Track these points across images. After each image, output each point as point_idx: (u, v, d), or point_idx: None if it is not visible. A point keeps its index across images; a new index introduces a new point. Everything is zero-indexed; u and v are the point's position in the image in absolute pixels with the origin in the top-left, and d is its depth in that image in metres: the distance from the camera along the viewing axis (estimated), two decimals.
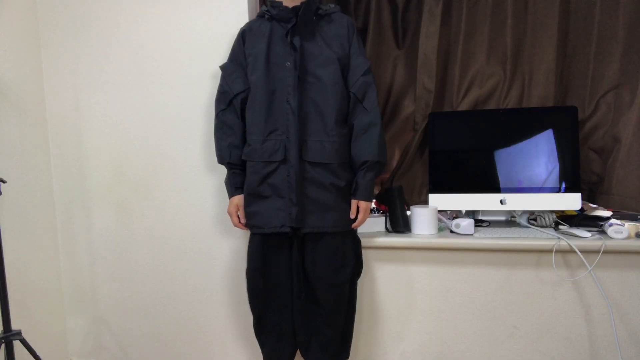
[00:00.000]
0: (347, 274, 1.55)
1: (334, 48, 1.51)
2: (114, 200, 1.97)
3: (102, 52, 1.92)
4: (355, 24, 1.58)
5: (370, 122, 1.51)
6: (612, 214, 1.78)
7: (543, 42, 1.71)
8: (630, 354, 1.56)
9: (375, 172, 1.54)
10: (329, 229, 1.50)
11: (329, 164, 1.49)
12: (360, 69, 1.53)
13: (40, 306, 1.93)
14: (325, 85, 1.49)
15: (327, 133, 1.49)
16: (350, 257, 1.56)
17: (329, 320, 1.56)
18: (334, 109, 1.49)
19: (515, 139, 1.70)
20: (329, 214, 1.49)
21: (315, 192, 1.49)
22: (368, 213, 1.55)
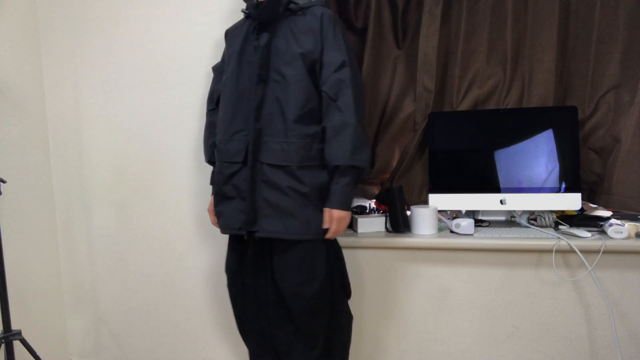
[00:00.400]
0: (314, 288, 1.42)
1: (302, 43, 1.40)
2: (114, 200, 1.97)
3: (102, 52, 1.92)
4: (334, 16, 1.43)
5: (343, 122, 1.36)
6: (612, 214, 1.78)
7: (543, 42, 1.71)
8: (630, 354, 1.56)
9: (352, 177, 1.39)
10: (287, 235, 1.38)
11: (287, 166, 1.38)
12: (332, 65, 1.39)
13: (40, 306, 1.93)
14: (288, 83, 1.39)
15: (286, 134, 1.40)
16: (320, 271, 1.43)
17: (298, 335, 1.49)
18: (295, 107, 1.39)
19: (515, 139, 1.70)
20: (288, 220, 1.38)
21: (273, 195, 1.39)
22: (344, 223, 1.40)
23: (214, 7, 1.80)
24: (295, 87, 1.39)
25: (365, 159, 1.39)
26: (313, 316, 1.46)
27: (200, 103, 1.84)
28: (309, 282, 1.42)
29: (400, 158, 1.85)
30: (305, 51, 1.39)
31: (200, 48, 1.82)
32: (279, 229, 1.39)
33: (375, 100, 1.89)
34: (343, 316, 1.53)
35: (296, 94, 1.39)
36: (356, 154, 1.36)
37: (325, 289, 1.45)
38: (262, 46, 1.40)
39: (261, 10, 1.41)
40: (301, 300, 1.43)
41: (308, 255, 1.42)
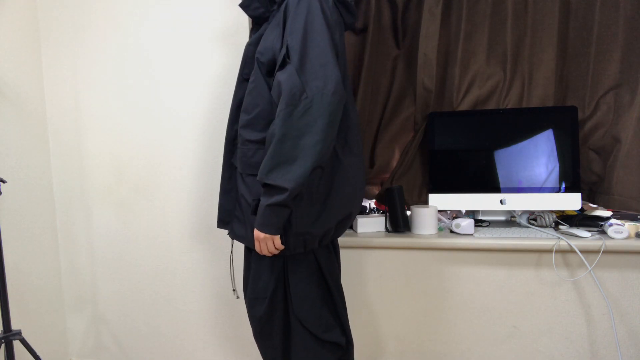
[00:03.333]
0: (259, 311, 1.28)
1: (264, 42, 1.26)
2: (114, 200, 1.97)
3: (102, 52, 1.92)
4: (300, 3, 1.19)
5: (271, 132, 1.15)
6: (612, 214, 1.78)
7: (543, 42, 1.71)
8: (630, 354, 1.56)
9: (271, 198, 1.14)
10: (247, 242, 1.29)
11: (241, 172, 1.31)
12: (278, 62, 1.19)
13: (40, 306, 1.93)
14: (248, 84, 1.30)
15: (239, 140, 1.32)
16: (265, 292, 1.27)
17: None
18: (244, 112, 1.29)
19: (515, 139, 1.70)
20: (238, 224, 1.32)
21: (239, 199, 1.32)
22: (264, 244, 1.19)
23: (214, 7, 1.80)
24: (248, 88, 1.29)
25: (291, 178, 1.11)
26: (262, 342, 1.33)
27: (200, 103, 1.84)
28: (256, 301, 1.29)
29: (400, 158, 1.85)
30: (262, 49, 1.25)
31: (200, 48, 1.82)
32: (242, 233, 1.30)
33: (375, 100, 1.89)
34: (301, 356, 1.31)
35: (247, 96, 1.29)
36: (274, 172, 1.12)
37: (269, 311, 1.28)
38: (247, 44, 1.35)
39: (244, 6, 1.35)
40: (252, 321, 1.32)
41: (257, 269, 1.29)
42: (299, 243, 1.23)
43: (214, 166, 1.84)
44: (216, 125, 1.83)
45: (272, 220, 1.16)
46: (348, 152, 1.27)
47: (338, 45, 1.21)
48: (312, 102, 1.11)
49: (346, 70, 1.30)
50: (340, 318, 1.35)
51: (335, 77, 1.13)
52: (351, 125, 1.29)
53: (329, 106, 1.11)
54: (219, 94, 1.82)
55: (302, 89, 1.12)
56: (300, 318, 1.28)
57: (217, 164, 1.84)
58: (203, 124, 1.84)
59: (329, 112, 1.11)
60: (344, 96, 1.15)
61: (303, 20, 1.16)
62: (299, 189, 1.12)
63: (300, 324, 1.29)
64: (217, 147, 1.84)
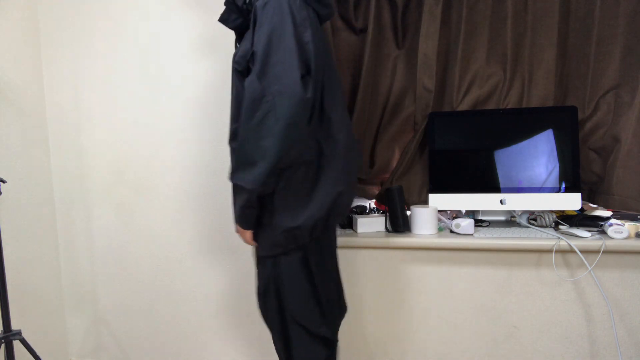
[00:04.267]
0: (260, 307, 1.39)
1: (240, 52, 1.29)
2: (114, 200, 1.97)
3: (102, 52, 1.92)
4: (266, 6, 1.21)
5: (238, 133, 1.23)
6: (612, 214, 1.78)
7: (543, 42, 1.71)
8: (630, 354, 1.56)
9: (238, 196, 1.24)
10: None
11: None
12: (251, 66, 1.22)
13: (40, 306, 1.93)
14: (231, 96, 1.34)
15: (230, 148, 1.36)
16: (260, 289, 1.36)
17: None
18: (232, 122, 1.31)
19: (515, 139, 1.70)
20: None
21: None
22: (244, 237, 1.33)
23: (214, 7, 1.80)
24: (231, 98, 1.33)
25: (251, 179, 1.17)
26: (272, 336, 1.41)
27: (200, 103, 1.84)
28: (258, 297, 1.38)
29: (400, 158, 1.85)
30: (238, 57, 1.28)
31: (201, 48, 1.82)
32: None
33: (375, 100, 1.89)
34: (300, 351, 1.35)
35: (232, 106, 1.32)
36: (237, 173, 1.21)
37: (265, 307, 1.37)
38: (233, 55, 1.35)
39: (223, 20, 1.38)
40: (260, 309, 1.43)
41: (257, 267, 1.39)
42: (290, 239, 1.26)
43: (214, 167, 1.84)
44: (215, 126, 1.83)
45: (243, 218, 1.27)
46: (332, 144, 1.28)
47: (310, 42, 1.21)
48: (272, 106, 1.15)
49: (329, 63, 1.31)
50: (326, 315, 1.37)
51: (293, 80, 1.16)
52: (334, 118, 1.29)
53: (288, 109, 1.15)
54: (220, 96, 1.82)
55: (262, 93, 1.16)
56: (293, 314, 1.32)
57: (217, 164, 1.84)
58: (203, 124, 1.84)
59: (288, 115, 1.15)
60: (303, 98, 1.16)
61: (267, 25, 1.19)
62: (260, 189, 1.18)
63: (293, 319, 1.32)
64: (217, 148, 1.84)
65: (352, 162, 1.33)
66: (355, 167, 1.35)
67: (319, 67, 1.24)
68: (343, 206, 1.32)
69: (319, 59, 1.23)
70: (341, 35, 1.88)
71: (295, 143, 1.18)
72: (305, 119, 1.18)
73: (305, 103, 1.17)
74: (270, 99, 1.16)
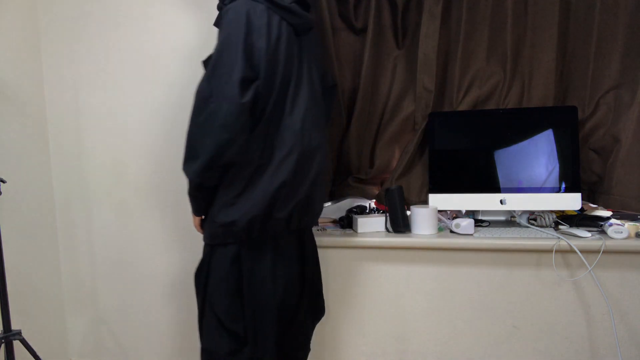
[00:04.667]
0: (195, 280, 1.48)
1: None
2: (114, 200, 1.97)
3: (102, 52, 1.92)
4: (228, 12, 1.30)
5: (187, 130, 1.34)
6: (612, 214, 1.78)
7: (543, 42, 1.71)
8: (630, 354, 1.56)
9: (188, 185, 1.35)
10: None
11: None
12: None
13: (40, 306, 1.93)
14: None
15: None
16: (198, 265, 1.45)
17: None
18: None
19: (515, 139, 1.70)
20: None
21: None
22: (194, 223, 1.46)
23: (214, 7, 1.80)
24: None
25: (192, 171, 1.29)
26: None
27: None
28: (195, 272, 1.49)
29: (400, 158, 1.85)
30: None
31: (200, 48, 1.82)
32: None
33: (375, 100, 1.89)
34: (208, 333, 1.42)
35: None
36: (185, 163, 1.32)
37: (195, 284, 1.47)
38: None
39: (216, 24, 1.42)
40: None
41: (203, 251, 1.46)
42: (227, 234, 1.33)
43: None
44: None
45: (192, 204, 1.40)
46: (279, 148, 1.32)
47: (263, 50, 1.28)
48: (215, 107, 1.24)
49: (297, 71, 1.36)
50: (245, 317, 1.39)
51: (232, 85, 1.24)
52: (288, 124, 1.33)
53: (225, 112, 1.23)
54: None
55: (209, 94, 1.25)
56: (212, 301, 1.39)
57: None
58: None
59: (224, 117, 1.23)
60: (239, 103, 1.24)
61: (224, 31, 1.29)
62: (198, 180, 1.31)
63: (210, 306, 1.39)
64: None
65: (305, 168, 1.34)
66: (312, 174, 1.36)
67: (273, 74, 1.30)
68: (284, 208, 1.33)
69: (275, 66, 1.30)
70: (341, 35, 1.88)
71: (230, 143, 1.25)
72: (241, 122, 1.25)
73: (240, 107, 1.24)
74: (214, 100, 1.25)
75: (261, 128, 1.31)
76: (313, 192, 1.38)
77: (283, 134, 1.33)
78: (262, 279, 1.37)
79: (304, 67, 1.40)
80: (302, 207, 1.36)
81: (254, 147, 1.30)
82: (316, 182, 1.38)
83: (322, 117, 1.46)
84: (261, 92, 1.29)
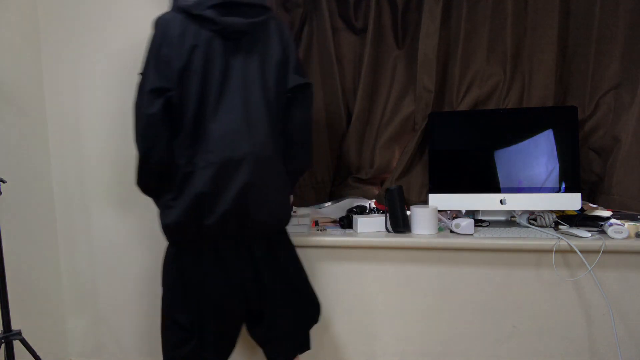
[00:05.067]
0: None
1: None
2: (114, 200, 1.97)
3: (102, 52, 1.92)
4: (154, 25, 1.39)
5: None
6: (612, 214, 1.78)
7: (543, 42, 1.71)
8: (630, 354, 1.56)
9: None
10: None
11: None
12: None
13: (40, 306, 1.93)
14: None
15: None
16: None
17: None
18: None
19: (515, 139, 1.70)
20: None
21: None
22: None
23: None
24: None
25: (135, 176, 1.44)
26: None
27: None
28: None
29: (400, 158, 1.85)
30: None
31: None
32: None
33: (375, 100, 1.89)
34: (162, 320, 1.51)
35: None
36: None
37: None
38: None
39: None
40: None
41: None
42: (167, 234, 1.41)
43: None
44: None
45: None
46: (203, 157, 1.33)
47: (175, 60, 1.31)
48: (135, 118, 1.35)
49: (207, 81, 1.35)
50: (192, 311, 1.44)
51: (141, 96, 1.33)
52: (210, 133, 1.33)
53: (141, 123, 1.33)
54: None
55: (134, 107, 1.37)
56: (162, 291, 1.49)
57: None
58: None
59: (142, 127, 1.33)
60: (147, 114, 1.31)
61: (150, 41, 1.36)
62: (140, 185, 1.43)
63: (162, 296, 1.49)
64: None
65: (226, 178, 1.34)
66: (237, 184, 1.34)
67: (188, 83, 1.32)
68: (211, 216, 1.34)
69: (189, 76, 1.32)
70: (341, 35, 1.88)
71: (149, 152, 1.33)
72: (154, 133, 1.32)
73: (148, 118, 1.31)
74: (135, 112, 1.35)
75: (183, 137, 1.34)
76: (246, 201, 1.35)
77: (206, 142, 1.34)
78: (198, 282, 1.42)
79: (234, 73, 1.37)
80: (234, 216, 1.35)
81: (179, 155, 1.35)
82: (248, 192, 1.34)
83: (269, 122, 1.40)
84: (176, 103, 1.32)
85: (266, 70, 1.41)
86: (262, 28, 1.42)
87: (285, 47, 1.45)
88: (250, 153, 1.34)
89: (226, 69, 1.37)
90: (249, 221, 1.38)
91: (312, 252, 1.75)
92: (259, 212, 1.38)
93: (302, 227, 1.79)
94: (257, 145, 1.36)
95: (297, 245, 1.74)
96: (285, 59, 1.45)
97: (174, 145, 1.36)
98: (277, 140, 1.43)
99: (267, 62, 1.42)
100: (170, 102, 1.32)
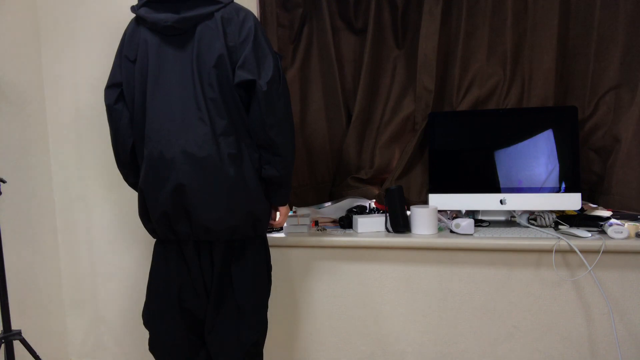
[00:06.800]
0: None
1: None
2: (114, 200, 1.97)
3: (102, 52, 1.92)
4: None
5: None
6: (612, 214, 1.78)
7: (543, 42, 1.71)
8: (630, 354, 1.56)
9: None
10: None
11: None
12: None
13: (40, 306, 1.93)
14: None
15: None
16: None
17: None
18: None
19: (515, 139, 1.70)
20: None
21: None
22: None
23: None
24: None
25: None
26: None
27: None
28: None
29: (400, 158, 1.85)
30: None
31: None
32: None
33: (375, 100, 1.89)
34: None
35: None
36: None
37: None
38: None
39: None
40: None
41: None
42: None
43: None
44: None
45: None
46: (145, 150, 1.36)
47: (124, 57, 1.40)
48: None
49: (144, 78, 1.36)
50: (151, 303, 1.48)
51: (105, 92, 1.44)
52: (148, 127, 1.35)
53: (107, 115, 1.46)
54: None
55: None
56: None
57: None
58: None
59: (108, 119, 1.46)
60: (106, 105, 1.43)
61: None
62: (123, 177, 1.52)
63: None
64: None
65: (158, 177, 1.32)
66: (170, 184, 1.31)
67: (131, 79, 1.39)
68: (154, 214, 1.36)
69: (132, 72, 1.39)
70: (341, 35, 1.88)
71: (116, 143, 1.44)
72: (113, 124, 1.42)
73: (108, 109, 1.42)
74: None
75: (135, 131, 1.40)
76: (184, 203, 1.31)
77: (146, 138, 1.35)
78: (158, 275, 1.46)
79: (168, 69, 1.33)
80: (175, 217, 1.33)
81: (137, 148, 1.41)
82: (183, 194, 1.30)
83: (214, 121, 1.31)
84: (125, 97, 1.41)
85: (204, 66, 1.31)
86: (202, 22, 1.32)
87: (231, 41, 1.32)
88: (182, 152, 1.29)
89: (159, 65, 1.34)
90: (193, 224, 1.33)
91: (312, 252, 1.75)
92: (200, 217, 1.32)
93: (302, 227, 1.79)
94: (193, 145, 1.29)
95: (297, 246, 1.74)
96: (229, 54, 1.32)
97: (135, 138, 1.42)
98: (233, 141, 1.32)
99: (206, 58, 1.31)
100: (123, 97, 1.42)
